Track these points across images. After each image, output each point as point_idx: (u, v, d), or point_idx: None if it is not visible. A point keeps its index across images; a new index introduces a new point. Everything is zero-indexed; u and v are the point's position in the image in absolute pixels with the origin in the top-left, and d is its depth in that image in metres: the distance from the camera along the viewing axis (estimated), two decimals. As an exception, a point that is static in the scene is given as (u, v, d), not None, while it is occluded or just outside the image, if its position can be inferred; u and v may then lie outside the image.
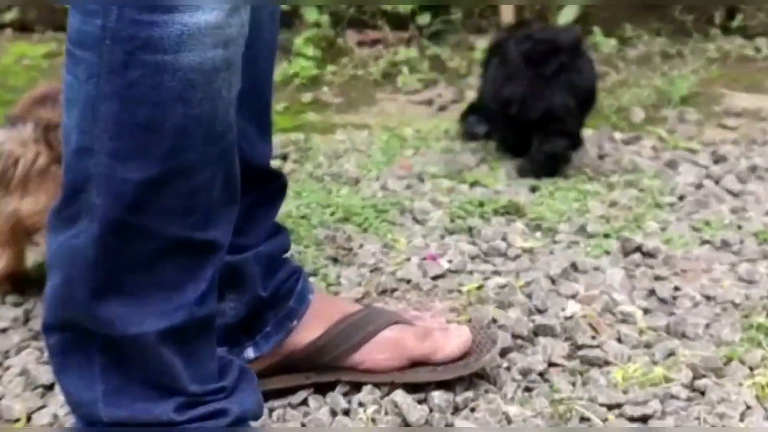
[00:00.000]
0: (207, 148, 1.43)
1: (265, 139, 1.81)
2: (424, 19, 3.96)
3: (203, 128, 1.41)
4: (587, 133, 3.13)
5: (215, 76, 1.39)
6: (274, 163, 3.00)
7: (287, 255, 1.92)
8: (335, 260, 2.47)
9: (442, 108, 3.56)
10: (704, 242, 2.55)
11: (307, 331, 1.87)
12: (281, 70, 3.82)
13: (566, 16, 3.91)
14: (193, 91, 1.37)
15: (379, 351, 1.87)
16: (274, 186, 1.86)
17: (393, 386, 1.89)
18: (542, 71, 2.90)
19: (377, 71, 3.82)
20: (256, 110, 1.75)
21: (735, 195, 2.85)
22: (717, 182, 2.92)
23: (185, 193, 1.43)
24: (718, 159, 3.06)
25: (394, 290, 2.34)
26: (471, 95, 3.59)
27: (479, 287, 2.32)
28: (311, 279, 2.33)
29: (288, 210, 2.70)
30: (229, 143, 1.47)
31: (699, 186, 2.90)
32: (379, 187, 2.89)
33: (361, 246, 2.54)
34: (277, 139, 3.26)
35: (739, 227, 2.63)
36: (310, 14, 3.99)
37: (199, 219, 1.47)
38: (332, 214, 2.70)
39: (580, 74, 2.97)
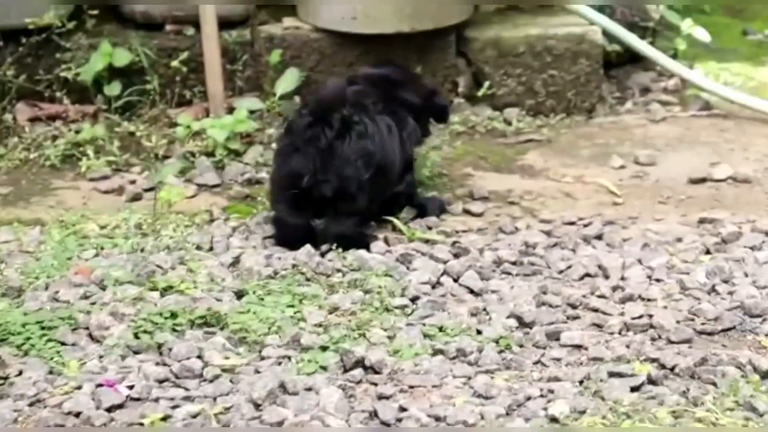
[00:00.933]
0: None
1: None
2: (113, 89, 3.95)
3: None
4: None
5: None
6: None
7: None
8: (-17, 394, 2.42)
9: (136, 197, 3.56)
10: (437, 352, 2.63)
11: None
12: (-72, 154, 3.75)
13: (286, 83, 4.00)
14: None
15: None
16: None
17: None
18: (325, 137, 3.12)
19: (55, 154, 3.78)
20: None
21: (476, 294, 2.96)
22: (456, 279, 3.03)
23: None
24: (459, 252, 3.18)
25: (59, 426, 2.31)
26: (174, 180, 3.60)
27: (164, 418, 2.33)
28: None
29: None
30: None
31: (436, 284, 3.00)
32: (47, 297, 2.86)
33: (19, 373, 2.50)
34: None
35: (479, 332, 2.73)
36: (-33, 84, 3.93)
37: None
38: (-16, 334, 2.65)
39: (373, 139, 3.19)
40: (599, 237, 3.29)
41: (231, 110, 3.90)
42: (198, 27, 3.99)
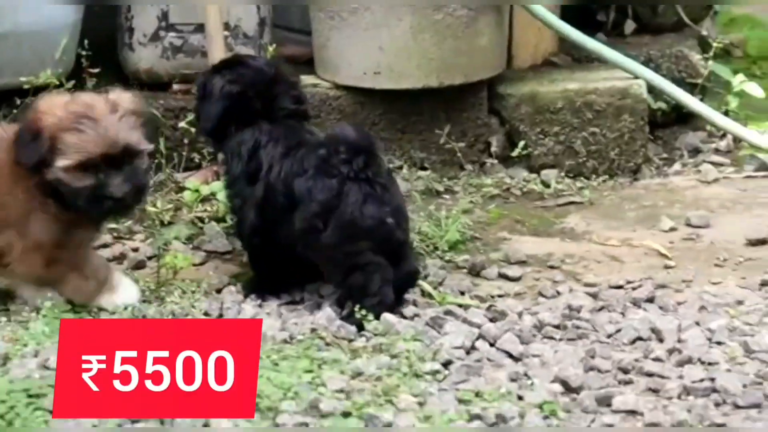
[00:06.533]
0: None
1: None
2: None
3: None
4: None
5: None
6: None
7: None
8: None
9: (139, 265, 3.44)
10: (474, 417, 2.51)
11: None
12: None
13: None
14: None
15: None
16: None
17: None
18: None
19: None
20: None
21: (516, 359, 2.84)
22: (493, 344, 2.90)
23: None
24: (496, 316, 3.06)
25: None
26: (180, 246, 3.47)
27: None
28: None
29: None
30: None
31: (470, 349, 2.88)
32: (35, 365, 2.71)
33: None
34: None
35: (520, 398, 2.61)
36: None
37: None
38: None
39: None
40: (650, 300, 3.17)
41: (242, 173, 3.79)
42: (206, 85, 3.90)
